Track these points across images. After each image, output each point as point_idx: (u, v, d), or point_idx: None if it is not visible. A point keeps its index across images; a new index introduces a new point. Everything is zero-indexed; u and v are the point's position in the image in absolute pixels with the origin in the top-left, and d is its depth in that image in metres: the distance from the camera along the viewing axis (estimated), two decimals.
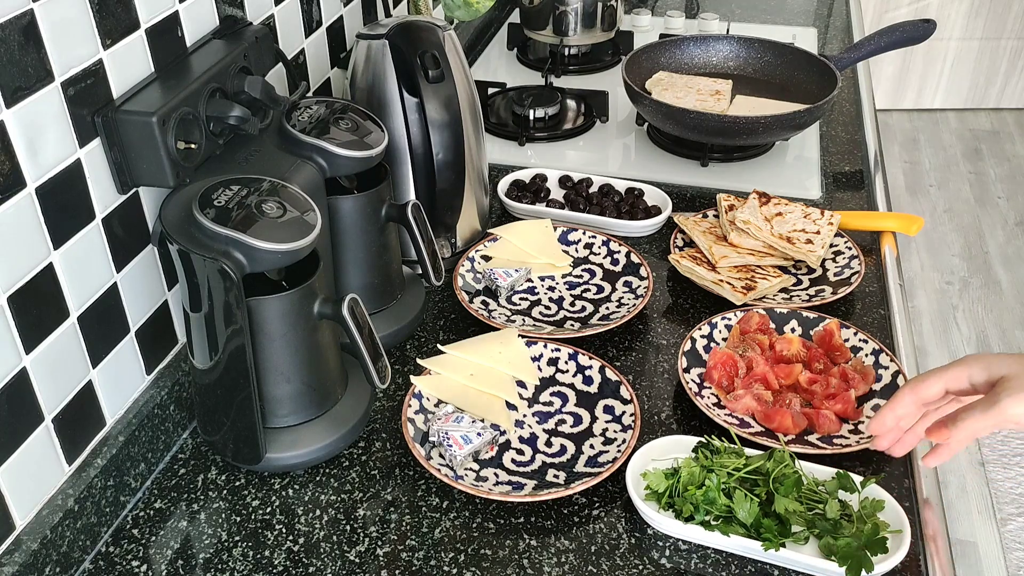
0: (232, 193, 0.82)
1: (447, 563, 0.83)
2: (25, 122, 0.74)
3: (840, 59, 1.52)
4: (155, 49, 0.88)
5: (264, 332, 0.86)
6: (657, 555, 0.84)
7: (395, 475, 0.93)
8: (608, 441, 0.94)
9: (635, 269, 1.17)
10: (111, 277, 0.87)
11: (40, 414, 0.80)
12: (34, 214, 0.76)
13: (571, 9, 1.75)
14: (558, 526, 0.87)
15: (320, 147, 0.94)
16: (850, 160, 1.47)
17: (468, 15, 1.43)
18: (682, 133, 1.41)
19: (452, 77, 1.06)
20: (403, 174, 1.14)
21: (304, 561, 0.84)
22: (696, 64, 1.64)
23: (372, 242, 1.04)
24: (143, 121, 0.82)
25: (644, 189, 1.32)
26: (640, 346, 1.09)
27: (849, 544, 0.79)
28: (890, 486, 0.89)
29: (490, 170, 1.41)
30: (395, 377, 1.05)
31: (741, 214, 1.20)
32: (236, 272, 0.79)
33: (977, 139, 3.84)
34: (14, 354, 0.76)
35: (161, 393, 0.93)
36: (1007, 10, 3.76)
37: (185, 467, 0.94)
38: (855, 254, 1.19)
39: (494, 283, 1.15)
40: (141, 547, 0.86)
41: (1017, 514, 2.24)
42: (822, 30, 1.99)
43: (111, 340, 0.88)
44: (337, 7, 1.26)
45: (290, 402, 0.91)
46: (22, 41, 0.72)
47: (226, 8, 0.99)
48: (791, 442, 0.92)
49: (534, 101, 1.56)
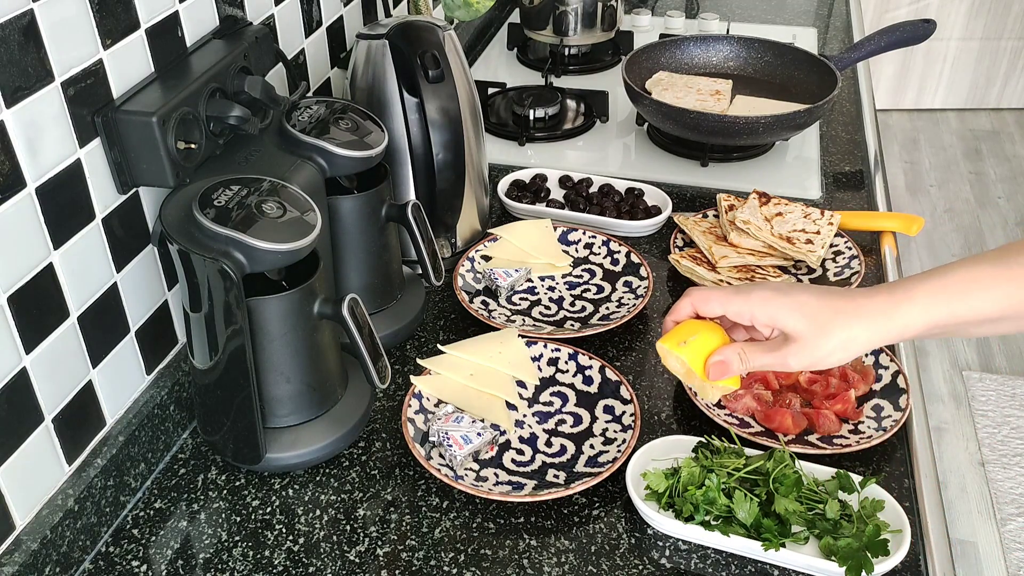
0: (232, 193, 0.82)
1: (447, 563, 0.83)
2: (25, 122, 0.74)
3: (840, 59, 1.52)
4: (155, 49, 0.88)
5: (264, 332, 0.86)
6: (657, 555, 0.84)
7: (395, 475, 0.93)
8: (608, 441, 0.94)
9: (635, 269, 1.17)
10: (111, 277, 0.87)
11: (40, 414, 0.80)
12: (34, 214, 0.76)
13: (571, 9, 1.75)
14: (558, 526, 0.87)
15: (320, 147, 0.94)
16: (850, 160, 1.47)
17: (468, 15, 1.43)
18: (682, 133, 1.41)
19: (452, 77, 1.06)
20: (403, 174, 1.14)
21: (304, 561, 0.84)
22: (696, 64, 1.64)
23: (372, 242, 1.04)
24: (143, 121, 0.82)
25: (644, 189, 1.32)
26: (640, 346, 1.09)
27: (850, 544, 0.79)
28: (890, 486, 0.89)
29: (490, 170, 1.41)
30: (395, 377, 1.05)
31: (741, 214, 1.20)
32: (236, 272, 0.79)
33: (977, 139, 3.84)
34: (14, 354, 0.76)
35: (161, 393, 0.93)
36: (1007, 10, 3.76)
37: (185, 467, 0.94)
38: (855, 254, 1.19)
39: (494, 283, 1.15)
40: (141, 547, 0.86)
41: (1017, 514, 2.24)
42: (822, 30, 1.99)
43: (111, 340, 0.88)
44: (337, 7, 1.26)
45: (290, 402, 0.91)
46: (22, 41, 0.72)
47: (226, 8, 0.99)
48: (791, 442, 0.92)
49: (534, 101, 1.56)
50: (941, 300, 0.73)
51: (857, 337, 0.75)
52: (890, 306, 0.74)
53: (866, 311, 0.75)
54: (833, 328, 0.75)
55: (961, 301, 0.73)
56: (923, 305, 0.74)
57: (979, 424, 2.49)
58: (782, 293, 0.78)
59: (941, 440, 2.45)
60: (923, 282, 0.74)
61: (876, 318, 0.75)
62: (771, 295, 0.78)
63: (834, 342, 0.76)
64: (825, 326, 0.75)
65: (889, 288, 0.76)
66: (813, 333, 0.76)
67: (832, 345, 0.76)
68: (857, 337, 0.75)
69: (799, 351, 0.77)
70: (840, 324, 0.75)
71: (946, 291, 0.73)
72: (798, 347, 0.77)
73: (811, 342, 0.76)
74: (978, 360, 2.72)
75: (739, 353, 0.80)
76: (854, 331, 0.75)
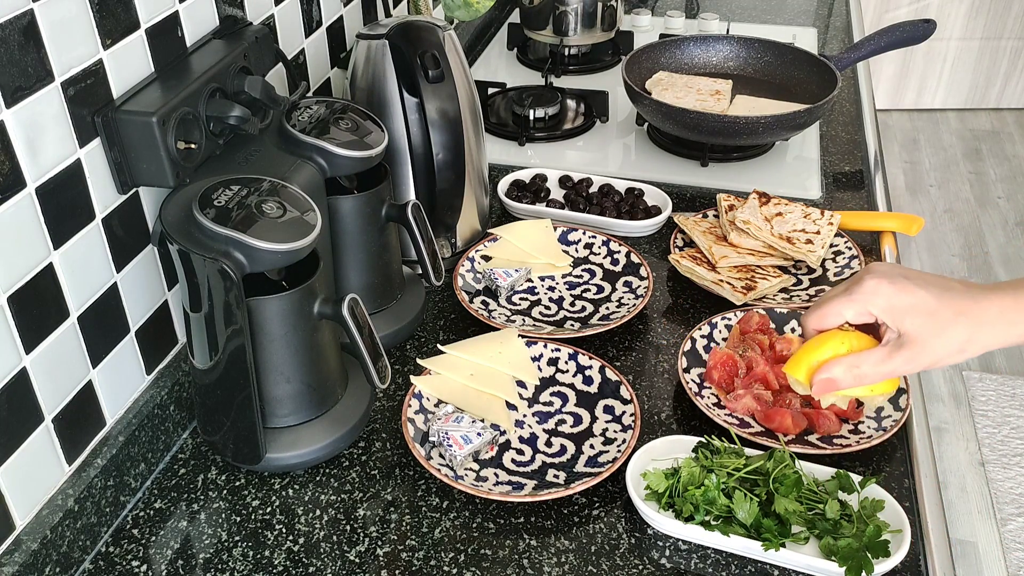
0: (232, 193, 0.82)
1: (447, 563, 0.83)
2: (25, 122, 0.74)
3: (840, 59, 1.52)
4: (155, 49, 0.88)
5: (264, 332, 0.86)
6: (657, 555, 0.84)
7: (395, 475, 0.93)
8: (608, 441, 0.94)
9: (635, 269, 1.17)
10: (111, 277, 0.87)
11: (40, 414, 0.80)
12: (34, 214, 0.76)
13: (571, 9, 1.75)
14: (558, 526, 0.87)
15: (320, 147, 0.94)
16: (850, 160, 1.47)
17: (468, 15, 1.43)
18: (682, 133, 1.41)
19: (452, 77, 1.06)
20: (403, 174, 1.14)
21: (304, 561, 0.84)
22: (696, 64, 1.64)
23: (372, 242, 1.04)
24: (143, 121, 0.82)
25: (644, 189, 1.32)
26: (640, 346, 1.09)
27: (850, 545, 0.79)
28: (890, 486, 0.89)
29: (490, 170, 1.41)
30: (395, 377, 1.05)
31: (741, 214, 1.20)
32: (236, 272, 0.79)
33: (977, 139, 3.84)
34: (14, 354, 0.76)
35: (161, 393, 0.93)
36: (1007, 10, 3.76)
37: (185, 467, 0.94)
38: (855, 254, 1.19)
39: (494, 283, 1.15)
40: (141, 547, 0.86)
41: (1017, 514, 2.24)
42: (822, 30, 1.99)
43: (111, 340, 0.88)
44: (337, 7, 1.26)
45: (290, 402, 0.91)
46: (22, 41, 0.72)
47: (226, 8, 0.99)
48: (791, 442, 0.92)
49: (534, 101, 1.56)
50: None
51: (979, 340, 0.72)
52: (1016, 311, 0.70)
53: (990, 315, 0.71)
54: (954, 331, 0.71)
55: None
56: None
57: (979, 424, 2.49)
58: (896, 286, 0.73)
59: (941, 440, 2.45)
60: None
61: (998, 323, 0.71)
62: (884, 288, 0.73)
63: (954, 345, 0.72)
64: (946, 327, 0.72)
65: (1015, 288, 0.71)
66: (932, 334, 0.72)
67: (951, 348, 0.72)
68: (979, 340, 0.72)
69: (917, 355, 0.73)
70: (962, 326, 0.71)
71: None
72: (916, 351, 0.73)
73: (929, 344, 0.72)
74: (978, 360, 2.72)
75: (848, 366, 0.76)
76: (975, 334, 0.71)
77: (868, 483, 0.85)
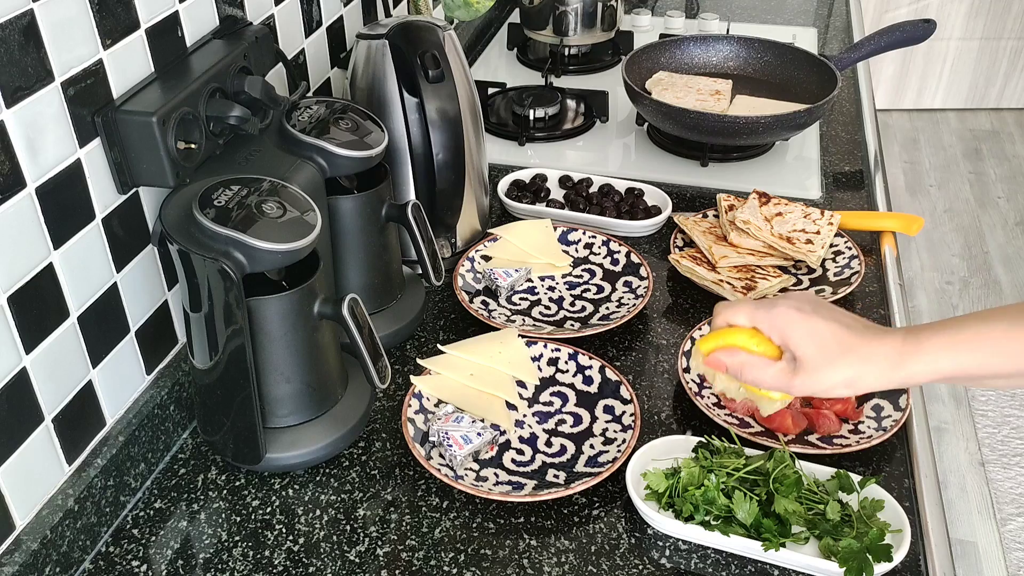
0: (232, 193, 0.82)
1: (447, 563, 0.83)
2: (25, 122, 0.74)
3: (840, 59, 1.52)
4: (155, 49, 0.88)
5: (264, 332, 0.86)
6: (657, 555, 0.84)
7: (395, 475, 0.93)
8: (608, 441, 0.94)
9: (635, 269, 1.17)
10: (111, 277, 0.87)
11: (40, 414, 0.80)
12: (34, 214, 0.76)
13: (571, 9, 1.75)
14: (558, 526, 0.87)
15: (320, 147, 0.94)
16: (850, 160, 1.47)
17: (468, 15, 1.43)
18: (682, 133, 1.41)
19: (452, 77, 1.06)
20: (403, 174, 1.14)
21: (304, 561, 0.84)
22: (696, 64, 1.64)
23: (372, 242, 1.04)
24: (143, 121, 0.82)
25: (644, 189, 1.32)
26: (640, 346, 1.09)
27: (850, 546, 0.79)
28: (890, 486, 0.89)
29: (490, 170, 1.41)
30: (395, 377, 1.05)
31: (741, 214, 1.20)
32: (236, 272, 0.79)
33: (977, 139, 3.84)
34: (14, 354, 0.76)
35: (161, 393, 0.93)
36: (1007, 10, 3.76)
37: (185, 467, 0.94)
38: (855, 254, 1.19)
39: (494, 283, 1.15)
40: (141, 547, 0.86)
41: (1017, 514, 2.24)
42: (822, 30, 1.99)
43: (111, 340, 0.88)
44: (337, 7, 1.26)
45: (290, 402, 0.91)
46: (22, 41, 0.72)
47: (226, 8, 0.99)
48: (791, 442, 0.92)
49: (534, 101, 1.56)
50: (950, 355, 0.72)
51: (863, 378, 0.75)
52: (900, 356, 0.73)
53: (876, 356, 0.74)
54: (840, 364, 0.75)
55: (971, 357, 0.72)
56: (932, 357, 0.73)
57: (979, 424, 2.49)
58: (803, 314, 0.77)
59: (941, 440, 2.45)
60: (936, 334, 0.73)
61: (882, 364, 0.74)
62: (791, 314, 0.77)
63: (839, 377, 0.75)
64: (834, 360, 0.75)
65: (904, 335, 0.74)
66: (820, 363, 0.75)
67: (837, 379, 0.75)
68: (863, 378, 0.75)
69: (805, 378, 0.76)
70: (848, 363, 0.75)
71: (956, 347, 0.72)
72: (804, 374, 0.76)
73: (818, 372, 0.76)
74: None
75: (750, 364, 0.79)
76: (860, 372, 0.75)
77: (868, 483, 0.85)
